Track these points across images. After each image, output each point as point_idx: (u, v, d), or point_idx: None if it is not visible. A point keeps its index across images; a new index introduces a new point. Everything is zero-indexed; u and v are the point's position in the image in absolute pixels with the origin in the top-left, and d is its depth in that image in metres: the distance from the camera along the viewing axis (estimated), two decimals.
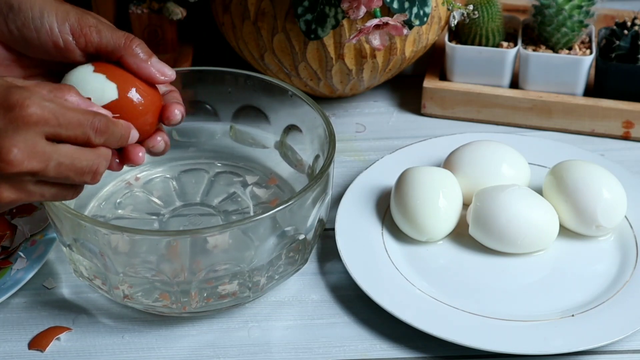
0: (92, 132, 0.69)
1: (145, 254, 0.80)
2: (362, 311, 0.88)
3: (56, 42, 0.74)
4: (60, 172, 0.68)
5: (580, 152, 1.03)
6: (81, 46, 0.75)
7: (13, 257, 0.90)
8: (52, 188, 0.70)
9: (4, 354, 0.85)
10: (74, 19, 0.75)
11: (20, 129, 0.66)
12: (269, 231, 0.82)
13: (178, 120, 0.77)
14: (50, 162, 0.67)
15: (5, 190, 0.68)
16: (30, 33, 0.74)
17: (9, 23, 0.74)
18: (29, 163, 0.66)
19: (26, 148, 0.66)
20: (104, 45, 0.75)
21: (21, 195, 0.68)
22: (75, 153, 0.69)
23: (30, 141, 0.66)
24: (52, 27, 0.74)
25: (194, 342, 0.86)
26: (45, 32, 0.74)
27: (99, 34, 0.75)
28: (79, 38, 0.74)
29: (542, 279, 0.90)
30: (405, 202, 0.92)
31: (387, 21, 0.93)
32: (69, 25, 0.74)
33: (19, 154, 0.66)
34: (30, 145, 0.66)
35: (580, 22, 1.07)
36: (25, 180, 0.68)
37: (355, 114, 1.13)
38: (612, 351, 0.85)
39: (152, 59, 0.76)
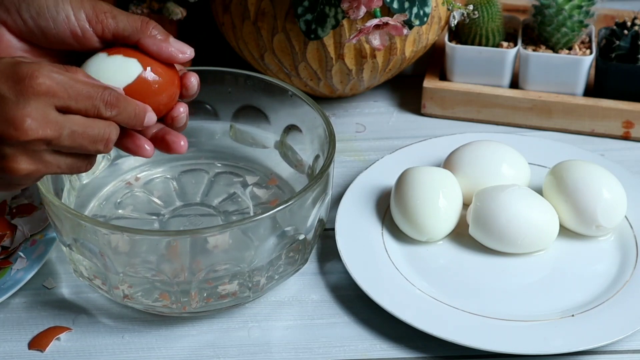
0: (102, 105, 0.70)
1: (145, 254, 0.80)
2: (362, 311, 0.88)
3: (74, 30, 0.74)
4: (74, 140, 0.69)
5: (580, 152, 1.03)
6: (98, 33, 0.75)
7: (13, 257, 0.90)
8: (67, 158, 0.71)
9: (4, 354, 0.85)
10: (89, 6, 0.75)
11: (31, 99, 0.67)
12: (269, 231, 0.82)
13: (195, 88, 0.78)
14: (64, 130, 0.68)
15: (22, 161, 0.68)
16: (46, 23, 0.74)
17: (22, 13, 0.74)
18: (43, 131, 0.67)
19: (39, 116, 0.67)
20: (121, 30, 0.75)
21: (38, 166, 0.69)
22: (87, 122, 0.70)
23: (42, 110, 0.67)
24: (68, 15, 0.74)
25: (194, 342, 0.86)
26: (62, 21, 0.74)
27: (115, 19, 0.75)
28: (95, 25, 0.75)
29: (542, 279, 0.90)
30: (405, 202, 0.92)
31: (387, 21, 0.93)
32: (85, 13, 0.74)
33: (32, 123, 0.67)
34: (43, 114, 0.67)
35: (580, 22, 1.07)
36: (40, 150, 0.68)
37: (355, 114, 1.13)
38: (612, 351, 0.85)
39: (170, 39, 0.76)
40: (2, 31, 0.75)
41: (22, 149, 0.68)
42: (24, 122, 0.67)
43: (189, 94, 0.78)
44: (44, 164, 0.70)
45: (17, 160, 0.68)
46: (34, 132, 0.67)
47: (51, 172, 0.71)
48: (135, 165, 0.98)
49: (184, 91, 0.78)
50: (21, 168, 0.69)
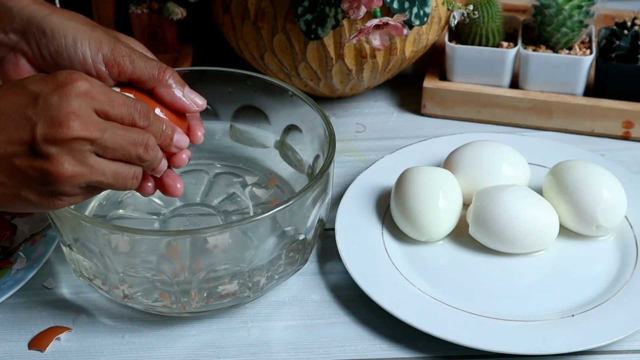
0: (137, 114, 0.71)
1: (145, 254, 0.80)
2: (362, 311, 0.88)
3: (89, 71, 0.75)
4: (116, 141, 0.69)
5: (580, 152, 1.03)
6: (114, 76, 0.75)
7: (13, 257, 0.90)
8: (112, 164, 0.70)
9: (4, 354, 0.85)
10: (107, 48, 0.75)
11: (73, 99, 0.68)
12: (269, 231, 0.82)
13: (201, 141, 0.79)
14: (106, 132, 0.69)
15: (67, 162, 0.68)
16: (63, 61, 0.75)
17: (41, 48, 0.75)
18: (87, 129, 0.68)
19: (82, 116, 0.68)
20: (137, 75, 0.75)
21: (82, 169, 0.69)
22: (126, 127, 0.70)
23: (84, 110, 0.68)
24: (85, 56, 0.75)
25: (194, 342, 0.86)
26: (79, 61, 0.75)
27: (133, 63, 0.75)
28: (112, 68, 0.75)
29: (542, 279, 0.90)
30: (405, 202, 0.92)
31: (387, 21, 0.93)
32: (102, 55, 0.75)
33: (76, 120, 0.67)
34: (85, 114, 0.68)
35: (580, 22, 1.07)
36: (84, 151, 0.68)
37: (355, 114, 1.13)
38: (612, 351, 0.85)
39: (185, 90, 0.77)
40: (23, 62, 0.76)
41: (67, 149, 0.68)
42: (69, 119, 0.67)
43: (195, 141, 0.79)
44: (89, 168, 0.69)
45: (61, 160, 0.68)
46: (79, 129, 0.67)
47: (95, 179, 0.70)
48: None
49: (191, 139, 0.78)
50: (65, 169, 0.68)
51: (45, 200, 0.70)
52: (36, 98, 0.68)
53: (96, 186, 0.71)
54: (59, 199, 0.70)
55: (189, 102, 0.77)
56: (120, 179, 0.71)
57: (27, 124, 0.67)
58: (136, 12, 1.10)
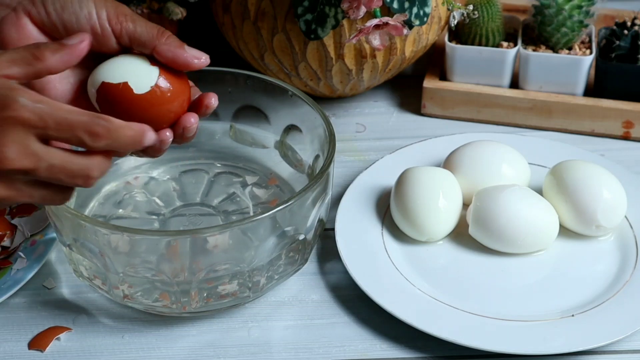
0: (86, 135, 0.68)
1: (145, 253, 0.80)
2: (362, 311, 0.88)
3: (94, 27, 0.75)
4: (52, 173, 0.68)
5: (580, 152, 1.03)
6: (117, 33, 0.75)
7: (13, 257, 0.90)
8: (42, 190, 0.69)
9: (4, 354, 0.85)
10: (111, 6, 0.75)
11: (9, 129, 0.66)
12: (269, 231, 0.82)
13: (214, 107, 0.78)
14: (42, 163, 0.67)
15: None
16: (68, 16, 0.75)
17: (47, 5, 0.75)
18: (20, 161, 0.66)
19: (17, 148, 0.66)
20: (138, 35, 0.75)
21: (10, 193, 0.68)
22: (68, 157, 0.68)
23: (20, 141, 0.66)
24: (90, 12, 0.75)
25: (194, 342, 0.86)
26: (84, 17, 0.75)
27: (134, 23, 0.75)
28: (115, 25, 0.75)
29: (542, 279, 0.90)
30: (405, 202, 0.92)
31: (387, 21, 0.93)
32: (107, 12, 0.75)
33: (10, 152, 0.66)
34: (21, 145, 0.66)
35: (580, 22, 1.07)
36: (15, 179, 0.68)
37: (355, 114, 1.13)
38: (612, 351, 0.85)
39: (185, 46, 0.77)
40: (25, 21, 0.75)
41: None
42: (2, 152, 0.66)
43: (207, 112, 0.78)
44: (17, 192, 0.68)
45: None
46: (12, 162, 0.66)
47: (23, 200, 0.69)
48: (135, 165, 0.98)
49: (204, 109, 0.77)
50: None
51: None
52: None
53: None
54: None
55: (191, 57, 0.76)
56: (48, 201, 0.71)
57: None
58: (136, 12, 1.10)
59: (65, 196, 0.71)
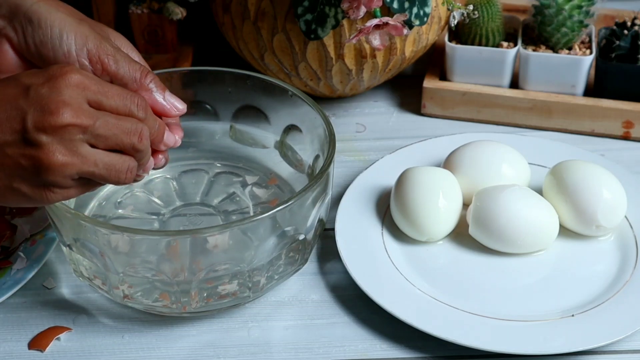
0: (134, 106, 0.71)
1: (145, 254, 0.80)
2: (362, 311, 0.88)
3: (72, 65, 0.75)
4: (108, 129, 0.69)
5: (580, 152, 1.03)
6: (97, 73, 0.75)
7: (13, 257, 0.90)
8: (105, 155, 0.70)
9: (4, 354, 0.85)
10: (93, 44, 0.75)
11: (64, 89, 0.68)
12: (269, 231, 0.82)
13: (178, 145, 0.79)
14: (98, 120, 0.69)
15: (57, 151, 0.68)
16: (47, 52, 0.75)
17: (27, 36, 0.75)
18: (77, 117, 0.68)
19: (74, 104, 0.68)
20: (120, 76, 0.75)
21: (73, 159, 0.68)
22: (119, 117, 0.70)
23: (76, 100, 0.68)
24: (70, 49, 0.75)
25: (194, 342, 0.86)
26: (62, 54, 0.75)
27: (117, 63, 0.75)
28: (95, 64, 0.75)
29: (542, 279, 0.90)
30: (405, 202, 0.92)
31: (387, 21, 0.93)
32: (87, 50, 0.75)
33: (68, 108, 0.68)
34: (77, 103, 0.68)
35: (580, 22, 1.07)
36: (75, 139, 0.68)
37: (355, 114, 1.13)
38: (612, 351, 0.85)
39: (165, 94, 0.77)
40: (7, 47, 0.76)
41: (58, 137, 0.68)
42: (59, 107, 0.67)
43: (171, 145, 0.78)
44: (80, 158, 0.69)
45: (52, 149, 0.68)
46: (69, 116, 0.67)
47: (87, 169, 0.69)
48: None
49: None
50: (56, 159, 0.68)
51: (37, 193, 0.70)
52: (27, 89, 0.68)
53: (90, 179, 0.71)
54: (52, 191, 0.70)
55: (170, 106, 0.77)
56: (113, 171, 0.71)
57: (18, 114, 0.68)
58: (136, 12, 1.10)
59: (131, 165, 0.72)
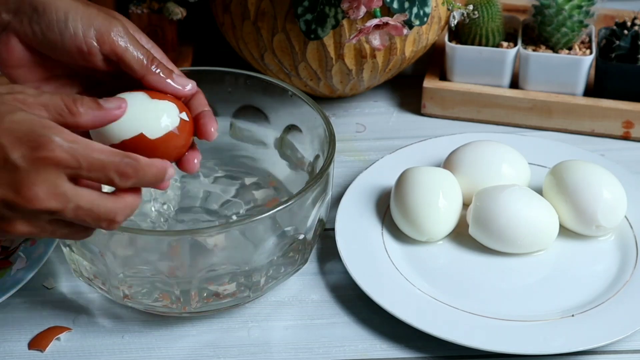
0: (116, 176, 0.68)
1: (145, 254, 0.80)
2: (362, 311, 0.88)
3: (80, 46, 0.74)
4: (77, 215, 0.67)
5: (580, 152, 1.03)
6: (105, 52, 0.75)
7: (13, 257, 0.90)
8: (65, 228, 0.69)
9: (4, 354, 0.85)
10: (100, 23, 0.74)
11: (42, 169, 0.65)
12: (269, 231, 0.82)
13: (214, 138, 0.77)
14: (69, 204, 0.67)
15: (20, 224, 0.67)
16: (54, 36, 0.74)
17: (32, 24, 0.74)
18: (48, 202, 0.66)
19: (47, 188, 0.66)
20: (127, 60, 0.75)
21: (33, 230, 0.68)
22: (95, 199, 0.68)
23: (51, 181, 0.66)
24: (76, 31, 0.74)
25: (194, 342, 0.86)
26: (69, 36, 0.74)
27: (126, 44, 0.74)
28: (103, 45, 0.74)
29: (542, 279, 0.90)
30: (405, 202, 0.92)
31: (387, 21, 0.93)
32: (95, 30, 0.74)
33: (39, 193, 0.65)
34: (51, 185, 0.66)
35: (580, 22, 1.07)
36: (41, 218, 0.68)
37: (355, 114, 1.13)
38: (612, 351, 0.85)
39: (173, 75, 0.76)
40: (14, 41, 0.75)
41: (23, 215, 0.67)
42: (31, 191, 0.65)
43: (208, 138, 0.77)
44: (40, 229, 0.68)
45: (15, 223, 0.67)
46: (39, 202, 0.66)
47: (44, 236, 0.70)
48: None
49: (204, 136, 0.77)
50: (17, 230, 0.67)
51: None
52: (5, 158, 0.65)
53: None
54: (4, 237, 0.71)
55: (179, 87, 0.76)
56: (69, 237, 0.71)
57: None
58: (136, 12, 1.10)
59: (87, 234, 0.71)
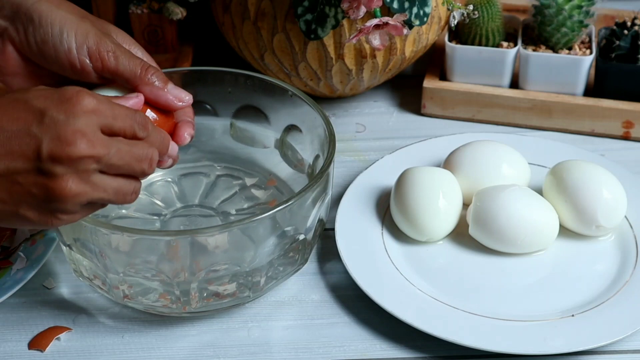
0: (137, 125, 0.70)
1: (145, 254, 0.80)
2: (362, 311, 0.88)
3: (73, 62, 0.75)
4: (121, 157, 0.69)
5: (580, 152, 1.03)
6: (97, 69, 0.75)
7: (13, 257, 0.90)
8: (114, 181, 0.70)
9: (4, 354, 0.85)
10: (93, 41, 0.75)
11: (80, 117, 0.67)
12: (269, 231, 0.82)
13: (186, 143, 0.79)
14: (112, 148, 0.68)
15: (71, 180, 0.67)
16: (48, 49, 0.75)
17: (28, 35, 0.75)
18: (93, 147, 0.67)
19: (90, 134, 0.67)
20: (121, 72, 0.76)
21: (86, 188, 0.68)
22: (131, 143, 0.70)
23: (91, 128, 0.67)
24: (70, 47, 0.75)
25: (194, 342, 0.86)
26: (64, 52, 0.75)
27: (117, 59, 0.75)
28: (96, 62, 0.75)
29: (542, 279, 0.90)
30: (405, 202, 0.92)
31: (387, 21, 0.93)
32: (87, 48, 0.75)
33: (84, 139, 0.67)
34: (92, 132, 0.67)
35: (580, 22, 1.07)
36: (89, 170, 0.68)
37: (355, 114, 1.13)
38: (612, 351, 0.85)
39: (168, 86, 0.77)
40: (10, 49, 0.76)
41: (73, 168, 0.67)
42: (76, 138, 0.66)
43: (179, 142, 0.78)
44: (92, 186, 0.68)
45: (66, 179, 0.67)
46: (86, 148, 0.66)
47: (97, 196, 0.69)
48: None
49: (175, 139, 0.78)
50: (69, 188, 0.67)
51: (43, 219, 0.69)
52: (42, 115, 0.67)
53: (96, 202, 0.71)
54: (58, 218, 0.69)
55: (173, 99, 0.77)
56: (121, 194, 0.71)
57: (31, 141, 0.66)
58: (136, 12, 1.10)
59: (136, 189, 0.72)
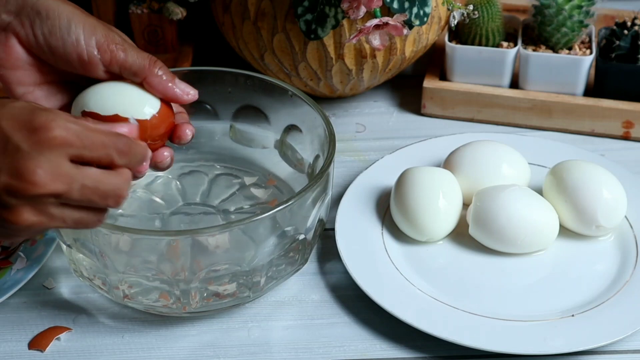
0: (116, 154, 0.68)
1: (145, 253, 0.80)
2: (362, 311, 0.88)
3: (81, 54, 0.74)
4: (84, 194, 0.66)
5: (580, 152, 1.03)
6: (105, 62, 0.75)
7: (13, 257, 0.90)
8: (75, 212, 0.68)
9: (4, 354, 0.85)
10: (101, 33, 0.75)
11: (45, 150, 0.65)
12: (269, 231, 0.82)
13: (188, 139, 0.79)
14: (74, 184, 0.66)
15: (26, 212, 0.65)
16: (56, 42, 0.74)
17: (35, 29, 0.75)
18: (52, 184, 0.65)
19: (50, 169, 0.65)
20: (129, 65, 0.75)
21: (42, 219, 0.66)
22: (99, 176, 0.67)
23: (54, 163, 0.65)
24: (78, 39, 0.74)
25: (194, 342, 0.86)
26: (71, 43, 0.74)
27: (125, 52, 0.75)
28: (104, 53, 0.75)
29: (542, 279, 0.90)
30: (405, 202, 0.92)
31: (387, 21, 0.93)
32: (96, 40, 0.75)
33: (43, 175, 0.64)
34: (55, 166, 0.65)
35: (580, 22, 1.07)
36: (47, 203, 0.66)
37: (355, 114, 1.13)
38: (612, 351, 0.85)
39: (175, 80, 0.76)
40: (13, 42, 0.75)
41: (28, 201, 0.65)
42: (34, 175, 0.64)
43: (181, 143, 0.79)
44: (49, 217, 0.66)
45: (20, 211, 0.65)
46: (44, 185, 0.64)
47: (55, 226, 0.67)
48: None
49: (176, 140, 0.78)
50: (24, 220, 0.65)
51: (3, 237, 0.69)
52: (6, 140, 0.64)
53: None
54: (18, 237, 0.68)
55: (180, 92, 0.76)
56: (82, 224, 0.69)
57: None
58: (136, 12, 1.10)
59: (100, 218, 0.70)
